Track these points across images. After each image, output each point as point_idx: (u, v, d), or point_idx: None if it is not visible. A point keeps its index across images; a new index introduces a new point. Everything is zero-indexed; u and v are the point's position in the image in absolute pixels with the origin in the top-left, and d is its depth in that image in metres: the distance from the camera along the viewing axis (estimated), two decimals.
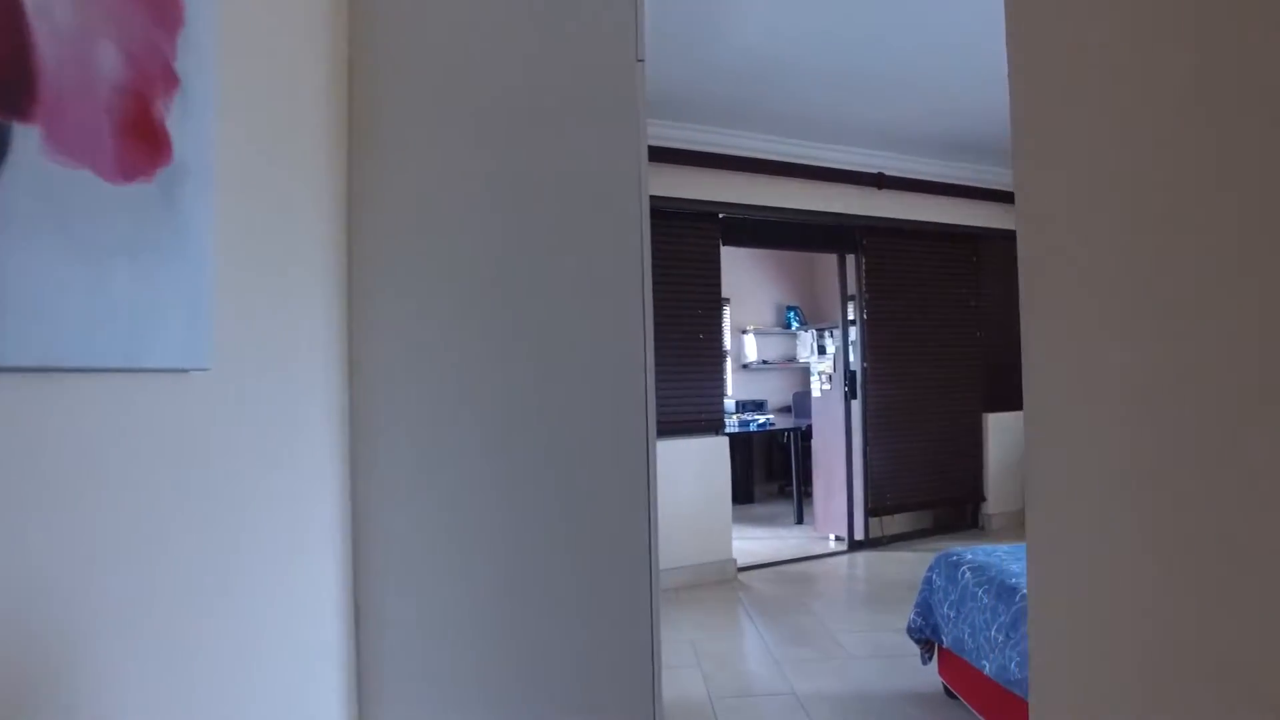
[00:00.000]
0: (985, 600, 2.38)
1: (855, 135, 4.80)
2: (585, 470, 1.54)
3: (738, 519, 6.15)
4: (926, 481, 5.41)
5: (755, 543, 5.44)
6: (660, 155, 4.39)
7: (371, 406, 1.42)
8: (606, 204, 1.58)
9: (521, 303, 1.51)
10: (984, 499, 5.61)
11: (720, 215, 4.67)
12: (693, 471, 4.43)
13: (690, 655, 3.29)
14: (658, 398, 4.43)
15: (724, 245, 4.72)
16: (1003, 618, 2.26)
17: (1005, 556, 2.64)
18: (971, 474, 5.60)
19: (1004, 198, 5.67)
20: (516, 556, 1.47)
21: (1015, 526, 5.66)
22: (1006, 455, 5.70)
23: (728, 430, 5.89)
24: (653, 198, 4.30)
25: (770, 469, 8.33)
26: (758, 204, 4.76)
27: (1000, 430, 5.67)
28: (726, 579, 4.47)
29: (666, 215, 4.47)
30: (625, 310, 1.57)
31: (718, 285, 4.62)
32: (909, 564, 4.68)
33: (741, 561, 4.73)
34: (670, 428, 4.39)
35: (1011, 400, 5.79)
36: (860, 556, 4.95)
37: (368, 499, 1.41)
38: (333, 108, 1.38)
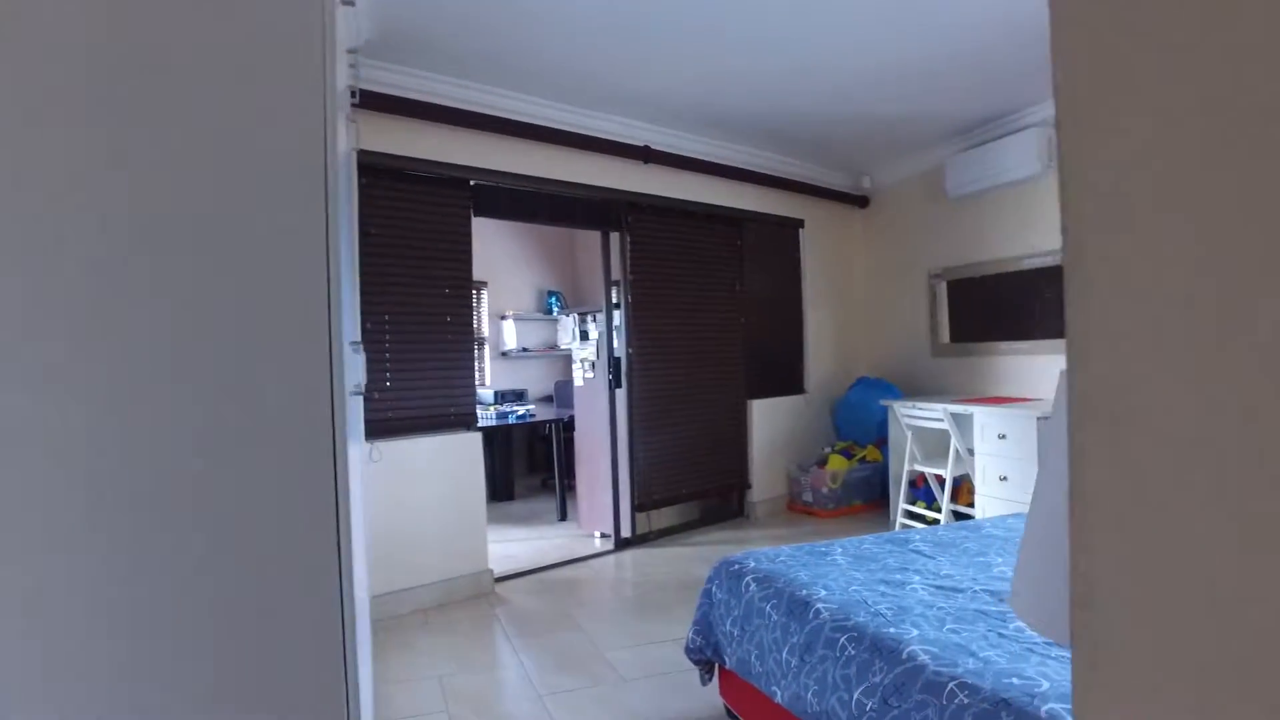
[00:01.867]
0: (775, 617, 2.08)
1: (622, 104, 4.44)
2: (228, 481, 1.02)
3: (497, 519, 5.65)
4: (694, 472, 5.22)
5: (516, 545, 4.96)
6: (397, 107, 3.76)
7: None
8: (277, 158, 1.16)
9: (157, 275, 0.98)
10: (749, 486, 5.54)
11: (472, 183, 4.11)
12: (441, 473, 3.86)
13: (438, 698, 2.75)
14: (394, 390, 3.83)
15: (477, 216, 4.16)
16: (796, 638, 1.96)
17: (790, 563, 2.37)
18: (737, 462, 5.50)
19: (768, 181, 5.61)
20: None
21: (779, 513, 5.65)
22: (770, 441, 5.67)
23: (484, 424, 5.37)
24: (389, 157, 3.64)
25: (532, 462, 7.89)
26: (515, 172, 4.26)
27: (764, 416, 5.62)
28: (483, 592, 3.95)
29: (406, 178, 3.84)
30: (296, 280, 1.07)
31: (468, 262, 4.06)
32: (679, 561, 4.43)
33: (500, 570, 4.24)
34: (411, 424, 3.79)
35: (775, 386, 5.78)
36: (628, 556, 4.64)
37: None
38: None
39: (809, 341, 6.03)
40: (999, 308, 5.19)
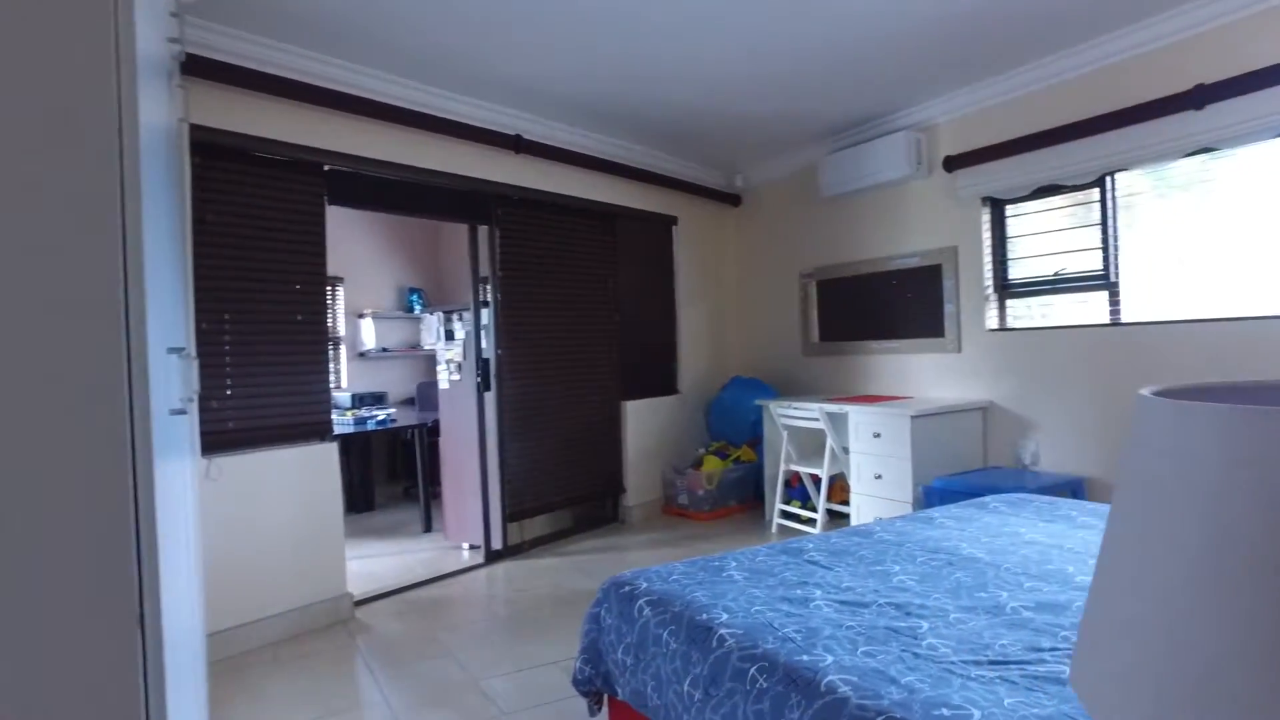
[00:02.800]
0: (673, 645, 1.91)
1: (492, 89, 4.17)
2: None
3: (356, 533, 5.25)
4: (568, 478, 5.01)
5: (378, 562, 4.59)
6: (240, 78, 3.34)
7: None
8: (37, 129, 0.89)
9: None
10: (624, 490, 5.38)
11: (327, 167, 3.73)
12: (292, 489, 3.48)
13: None
14: (236, 399, 3.37)
15: (332, 205, 3.78)
16: (699, 669, 1.80)
17: (685, 581, 2.21)
18: (612, 466, 5.34)
19: (642, 176, 5.46)
20: None
21: (655, 517, 5.52)
22: (644, 444, 5.54)
23: (341, 430, 4.96)
24: (231, 135, 3.21)
25: (393, 469, 7.44)
26: (375, 158, 3.91)
27: (638, 418, 5.48)
28: (342, 619, 3.59)
29: (250, 160, 3.43)
30: (75, 277, 0.81)
31: (322, 255, 3.67)
32: (555, 573, 4.21)
33: (361, 592, 3.88)
34: (257, 436, 3.38)
35: (649, 386, 5.65)
36: (500, 570, 4.37)
37: None
38: None
39: (682, 341, 5.94)
40: (869, 307, 5.27)
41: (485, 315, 4.61)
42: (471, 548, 4.80)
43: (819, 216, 5.60)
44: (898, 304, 5.07)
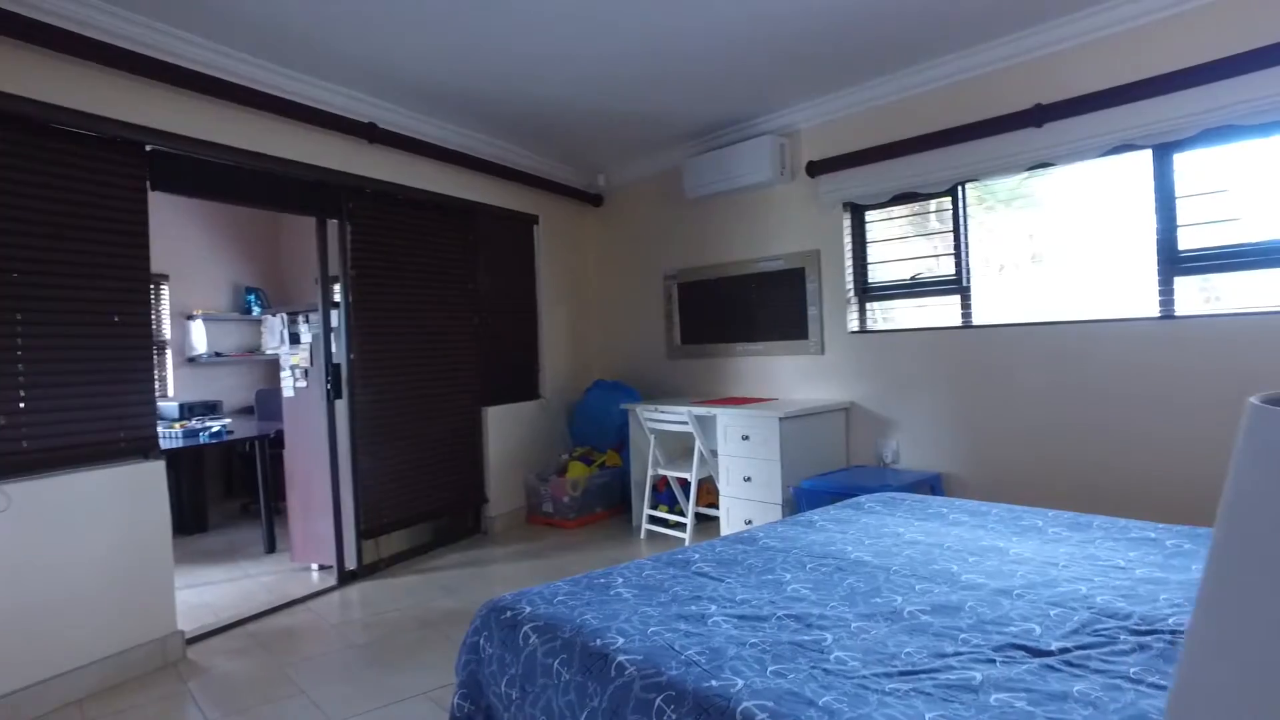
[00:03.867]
0: (566, 676, 1.75)
1: (343, 73, 3.85)
2: None
3: (186, 558, 4.73)
4: (427, 489, 4.72)
5: (213, 590, 4.13)
6: (32, 32, 2.87)
7: None
8: None
9: None
10: (486, 500, 5.14)
11: (149, 148, 3.29)
12: (107, 517, 3.02)
13: None
14: (32, 414, 2.72)
15: (156, 191, 3.35)
16: (597, 701, 1.65)
17: (572, 602, 2.05)
18: (473, 475, 5.08)
19: (503, 172, 5.25)
20: None
21: (519, 526, 5.31)
22: (507, 451, 5.32)
23: (168, 444, 4.45)
24: (24, 102, 2.76)
25: (230, 484, 6.82)
26: (209, 140, 3.50)
27: (500, 424, 5.26)
28: (171, 661, 3.17)
29: (50, 133, 2.97)
30: None
31: (144, 248, 3.23)
32: (417, 592, 3.93)
33: (193, 628, 3.47)
34: (60, 457, 2.92)
35: (510, 391, 5.43)
36: (355, 592, 4.04)
37: None
38: None
39: (544, 344, 5.76)
40: (734, 310, 5.29)
41: (335, 317, 4.26)
42: (322, 568, 4.42)
43: (682, 218, 5.58)
44: (762, 307, 5.11)
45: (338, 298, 4.27)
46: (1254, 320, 3.27)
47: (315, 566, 4.47)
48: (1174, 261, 3.54)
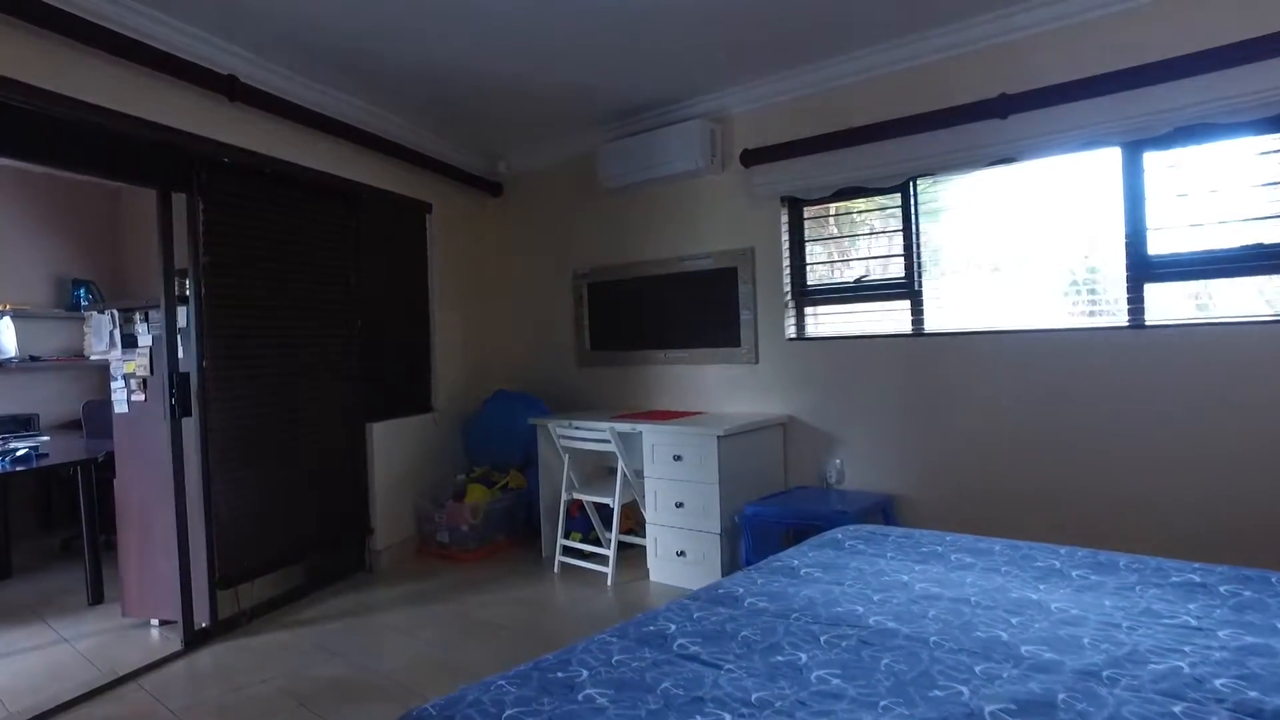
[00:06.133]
0: None
1: (199, 8, 3.07)
2: None
3: None
4: (300, 523, 3.94)
5: (11, 665, 3.22)
6: None
7: None
8: None
9: None
10: (371, 531, 4.40)
11: None
12: None
13: None
14: None
15: None
16: None
17: (521, 714, 1.46)
18: (355, 503, 4.33)
19: (391, 150, 4.54)
20: None
21: (409, 560, 4.59)
22: (394, 473, 4.59)
23: None
24: None
25: (48, 515, 5.72)
26: (22, 81, 2.67)
27: (386, 443, 4.53)
28: None
29: None
30: None
31: None
32: (289, 657, 3.17)
33: None
34: None
35: (398, 404, 4.71)
36: (208, 657, 3.24)
37: None
38: None
39: (437, 349, 5.07)
40: (655, 313, 4.77)
41: (183, 315, 3.45)
42: (164, 624, 3.59)
43: (596, 211, 5.02)
44: (688, 310, 4.62)
45: (187, 292, 3.46)
46: (1231, 330, 3.04)
47: (156, 623, 3.62)
48: (1145, 267, 3.29)
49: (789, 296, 4.24)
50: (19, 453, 4.16)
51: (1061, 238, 3.50)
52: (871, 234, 4.09)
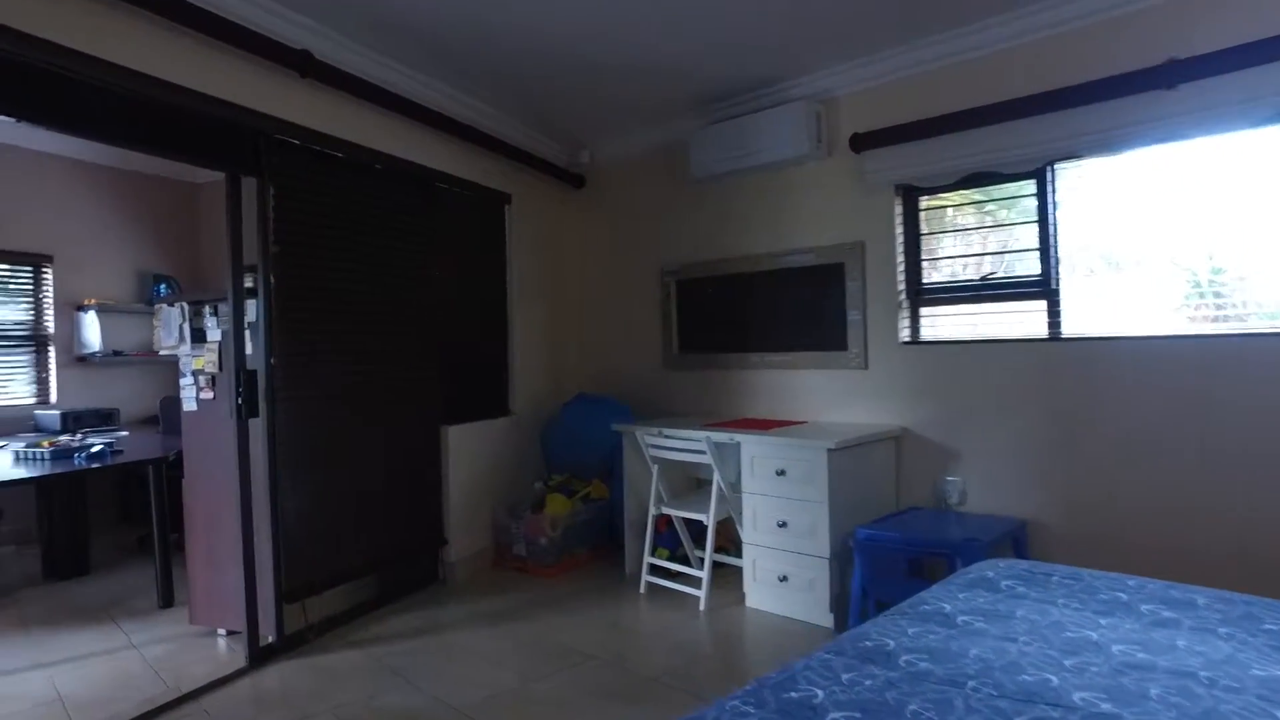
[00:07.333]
0: None
1: None
2: None
3: (50, 616, 3.66)
4: (372, 533, 3.70)
5: (76, 671, 3.06)
6: None
7: None
8: None
9: None
10: (445, 542, 4.14)
11: None
12: None
13: None
14: None
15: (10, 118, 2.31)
16: None
17: None
18: (430, 512, 4.08)
19: (470, 136, 4.27)
20: None
21: (485, 572, 4.32)
22: (472, 480, 4.32)
23: (31, 473, 3.40)
24: None
25: (126, 510, 5.66)
26: (69, 45, 2.47)
27: (463, 448, 4.26)
28: None
29: None
30: None
31: None
32: (359, 681, 2.91)
33: None
34: None
35: (475, 407, 4.45)
36: (273, 677, 3.00)
37: None
38: None
39: (515, 348, 4.79)
40: (751, 313, 4.39)
41: (252, 309, 3.24)
42: (230, 634, 3.39)
43: (686, 203, 4.67)
44: (787, 310, 4.22)
45: (257, 283, 3.25)
46: None
47: (223, 633, 3.43)
48: None
49: (903, 296, 3.81)
50: (94, 449, 4.04)
51: (1220, 231, 3.00)
52: (998, 226, 3.63)
